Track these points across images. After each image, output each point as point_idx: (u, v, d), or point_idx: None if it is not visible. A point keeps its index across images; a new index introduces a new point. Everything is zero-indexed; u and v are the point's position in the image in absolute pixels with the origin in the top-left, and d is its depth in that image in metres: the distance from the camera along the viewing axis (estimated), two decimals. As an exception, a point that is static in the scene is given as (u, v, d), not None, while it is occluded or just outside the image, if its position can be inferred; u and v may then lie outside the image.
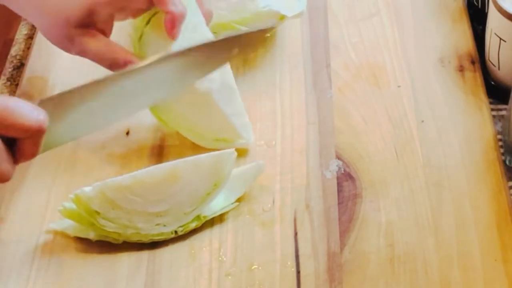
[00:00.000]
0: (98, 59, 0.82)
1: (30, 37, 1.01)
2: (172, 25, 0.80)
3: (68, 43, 0.82)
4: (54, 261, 0.78)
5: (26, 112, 0.67)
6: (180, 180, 0.77)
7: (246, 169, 0.82)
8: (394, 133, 0.87)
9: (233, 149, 0.79)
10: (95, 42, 0.81)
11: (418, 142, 0.86)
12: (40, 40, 0.99)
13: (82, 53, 0.82)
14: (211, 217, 0.80)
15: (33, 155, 0.70)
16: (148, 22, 0.83)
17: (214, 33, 0.87)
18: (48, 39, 0.83)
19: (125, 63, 0.81)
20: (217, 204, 0.80)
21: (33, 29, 1.02)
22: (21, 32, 1.02)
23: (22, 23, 1.03)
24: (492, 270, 0.75)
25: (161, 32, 0.82)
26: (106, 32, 0.83)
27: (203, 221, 0.79)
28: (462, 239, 0.78)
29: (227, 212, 0.81)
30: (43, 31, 0.84)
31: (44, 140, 0.70)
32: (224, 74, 0.84)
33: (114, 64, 0.81)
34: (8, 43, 1.05)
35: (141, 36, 0.83)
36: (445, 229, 0.78)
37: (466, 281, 0.75)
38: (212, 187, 0.78)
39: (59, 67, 0.96)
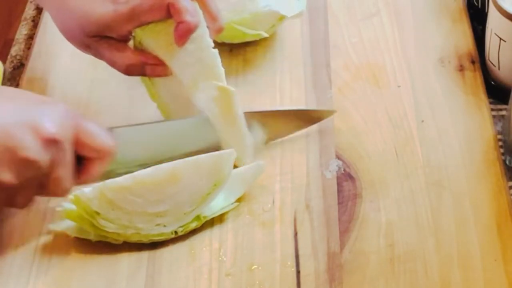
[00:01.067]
0: (113, 65, 0.82)
1: (30, 37, 1.01)
2: (184, 34, 0.79)
3: (84, 47, 0.83)
4: (54, 262, 0.78)
5: (101, 135, 0.75)
6: (180, 181, 0.77)
7: (246, 169, 0.82)
8: (394, 133, 0.87)
9: (232, 149, 0.79)
10: (110, 49, 0.81)
11: (418, 142, 0.86)
12: (40, 40, 0.99)
13: (98, 57, 0.83)
14: (211, 217, 0.80)
15: (95, 176, 0.76)
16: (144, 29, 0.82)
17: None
18: (66, 39, 0.83)
19: (141, 70, 0.82)
20: (217, 204, 0.80)
21: (33, 29, 1.02)
22: (21, 32, 1.02)
23: (22, 23, 1.03)
24: (492, 270, 0.75)
25: (159, 40, 0.81)
26: (124, 39, 0.82)
27: (203, 221, 0.79)
28: (462, 239, 0.78)
29: (227, 212, 0.81)
30: (61, 31, 0.84)
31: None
32: (226, 102, 0.82)
33: (128, 70, 0.82)
34: (8, 43, 1.05)
35: (140, 42, 0.83)
36: (445, 229, 0.78)
37: (466, 281, 0.75)
38: (212, 187, 0.78)
39: (59, 68, 0.96)
